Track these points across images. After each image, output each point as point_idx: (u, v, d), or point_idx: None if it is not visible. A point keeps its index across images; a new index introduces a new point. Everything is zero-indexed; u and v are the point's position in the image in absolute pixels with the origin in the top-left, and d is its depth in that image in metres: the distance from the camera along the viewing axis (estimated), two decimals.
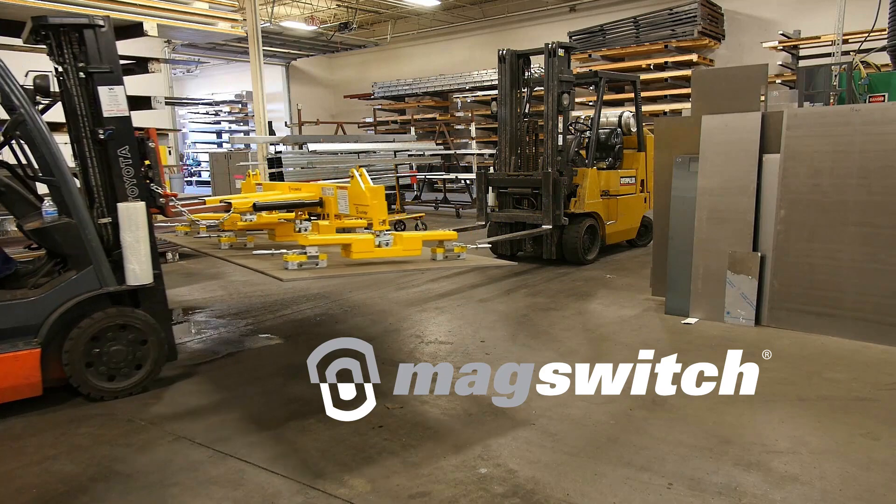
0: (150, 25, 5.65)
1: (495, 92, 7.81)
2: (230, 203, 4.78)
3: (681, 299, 5.19)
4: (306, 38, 18.33)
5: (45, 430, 3.35)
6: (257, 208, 4.39)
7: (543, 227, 7.04)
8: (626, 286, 6.33)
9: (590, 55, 14.24)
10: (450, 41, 18.83)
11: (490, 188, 7.60)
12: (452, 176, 14.24)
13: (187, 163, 22.88)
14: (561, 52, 7.03)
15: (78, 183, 3.82)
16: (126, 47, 6.16)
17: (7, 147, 3.72)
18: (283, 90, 21.50)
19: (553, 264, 7.33)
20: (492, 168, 9.32)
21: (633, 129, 8.34)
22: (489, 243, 7.72)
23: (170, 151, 10.70)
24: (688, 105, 12.37)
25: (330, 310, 5.66)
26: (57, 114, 6.21)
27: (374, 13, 18.10)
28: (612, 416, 3.33)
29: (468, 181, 13.78)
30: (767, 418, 3.30)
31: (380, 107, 19.39)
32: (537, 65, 8.24)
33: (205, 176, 20.64)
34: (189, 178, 22.32)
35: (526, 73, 7.67)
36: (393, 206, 11.54)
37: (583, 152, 7.87)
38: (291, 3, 17.26)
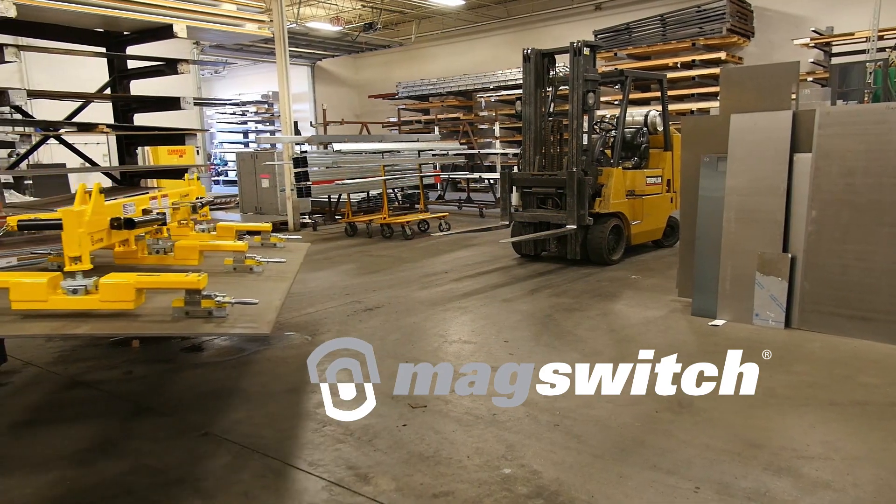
0: (179, 27, 5.74)
1: (519, 91, 7.78)
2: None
3: (708, 300, 5.11)
4: (331, 38, 18.47)
5: None
6: (21, 227, 3.11)
7: (568, 226, 6.99)
8: (652, 287, 6.26)
9: (615, 54, 14.12)
10: (474, 41, 18.81)
11: (514, 188, 7.58)
12: (476, 175, 14.23)
13: (214, 162, 23.23)
14: (586, 50, 6.98)
15: None
16: (156, 49, 6.28)
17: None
18: (309, 90, 21.69)
19: (577, 264, 7.28)
20: (516, 168, 9.29)
21: (660, 129, 8.24)
22: (513, 242, 7.78)
23: (198, 151, 10.86)
24: (715, 104, 12.24)
25: (354, 308, 5.69)
26: (91, 114, 6.34)
27: (398, 13, 18.16)
28: (638, 418, 3.30)
29: (492, 181, 13.75)
30: (798, 423, 3.24)
31: (404, 106, 19.46)
32: (562, 64, 8.20)
33: (232, 175, 20.92)
34: (216, 178, 22.68)
35: (551, 72, 7.63)
36: (417, 206, 11.57)
37: (608, 152, 7.80)
38: (317, 4, 17.40)
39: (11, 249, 5.07)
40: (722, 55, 12.89)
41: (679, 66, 13.18)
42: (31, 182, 8.24)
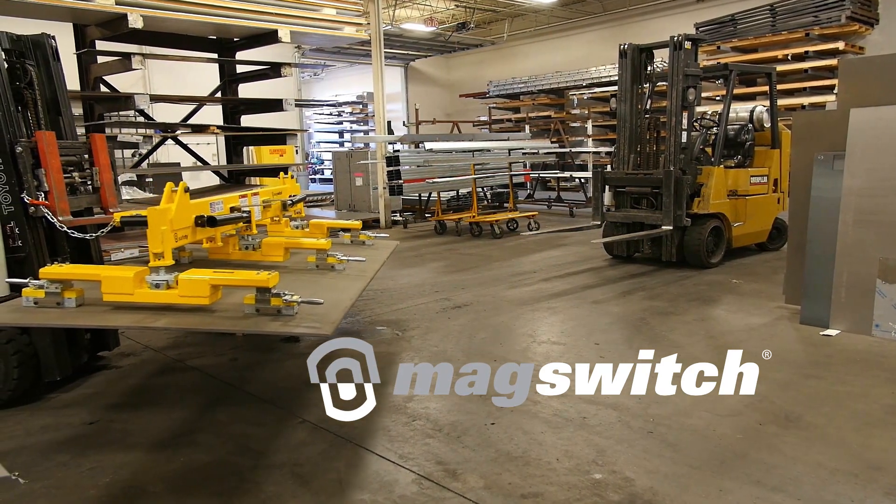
0: (284, 32, 6.04)
1: (613, 88, 7.58)
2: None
3: (819, 308, 4.77)
4: (424, 39, 18.76)
5: None
6: (123, 223, 3.26)
7: (663, 227, 6.74)
8: (755, 292, 5.92)
9: (718, 47, 13.41)
10: (567, 37, 18.50)
11: (607, 187, 7.39)
12: (567, 174, 13.99)
13: (312, 161, 24.25)
14: (687, 44, 6.69)
15: None
16: (263, 54, 6.64)
17: None
18: (402, 90, 22.16)
19: (673, 267, 6.99)
20: (609, 166, 9.05)
21: (766, 125, 7.77)
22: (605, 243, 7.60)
23: (297, 150, 11.38)
24: (830, 98, 11.38)
25: (443, 305, 5.75)
26: (202, 116, 6.79)
27: (491, 12, 18.17)
28: (739, 430, 3.13)
29: (583, 179, 13.47)
30: None
31: (494, 105, 19.44)
32: (660, 59, 7.92)
33: (328, 174, 21.74)
34: (313, 177, 23.67)
35: (648, 68, 7.38)
36: (506, 205, 11.53)
37: (708, 150, 7.44)
38: (411, 6, 17.71)
39: (137, 241, 5.49)
40: (840, 45, 11.92)
41: (789, 58, 12.34)
42: (151, 179, 8.95)
